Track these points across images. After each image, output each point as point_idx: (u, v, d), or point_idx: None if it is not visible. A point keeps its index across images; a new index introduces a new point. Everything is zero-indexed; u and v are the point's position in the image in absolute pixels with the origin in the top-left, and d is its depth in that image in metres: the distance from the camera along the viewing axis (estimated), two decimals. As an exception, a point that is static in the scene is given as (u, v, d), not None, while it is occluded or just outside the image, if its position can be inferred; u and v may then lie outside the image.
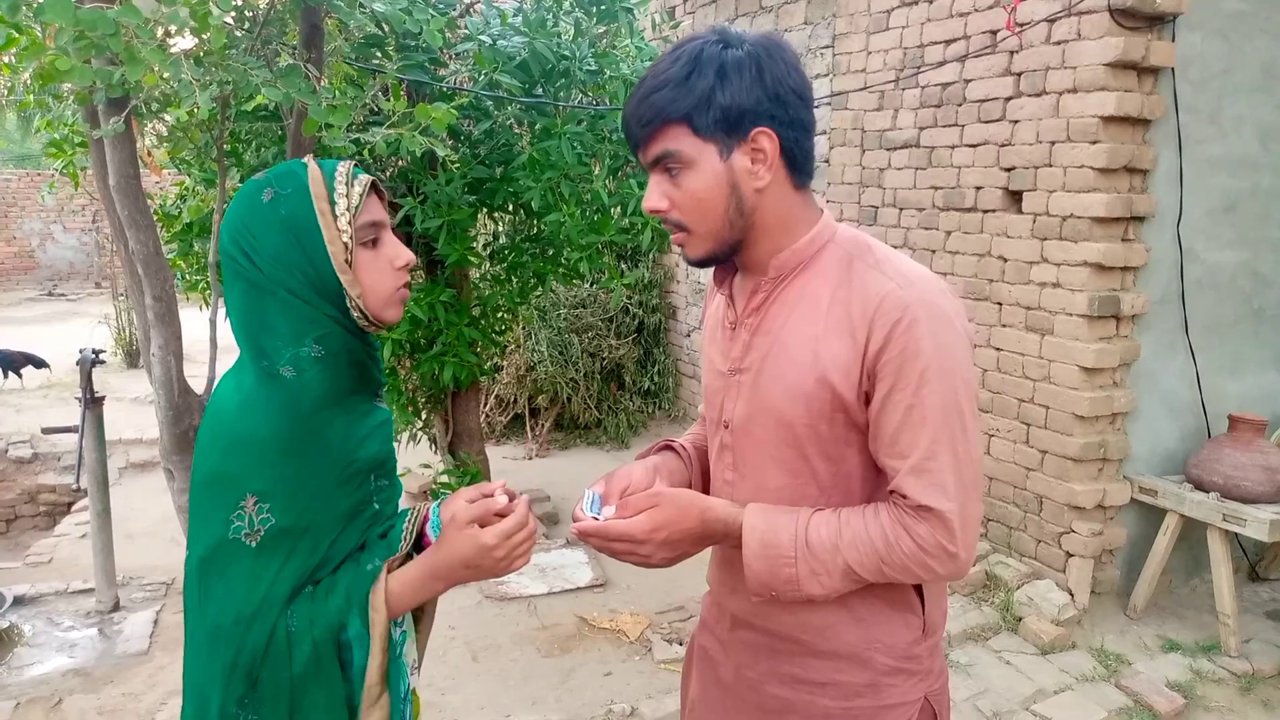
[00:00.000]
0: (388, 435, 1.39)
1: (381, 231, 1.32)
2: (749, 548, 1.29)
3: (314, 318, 1.25)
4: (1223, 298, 4.08)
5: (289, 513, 1.22)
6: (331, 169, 1.29)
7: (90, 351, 4.02)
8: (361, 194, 1.28)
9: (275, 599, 1.21)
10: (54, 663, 3.63)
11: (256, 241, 1.23)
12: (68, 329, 10.28)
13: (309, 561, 1.24)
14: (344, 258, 1.26)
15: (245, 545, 1.21)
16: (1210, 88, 3.88)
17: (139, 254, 2.48)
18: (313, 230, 1.24)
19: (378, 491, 1.36)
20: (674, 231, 1.34)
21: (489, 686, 3.48)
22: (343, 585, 1.26)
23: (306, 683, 1.22)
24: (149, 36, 1.79)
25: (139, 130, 2.98)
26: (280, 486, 1.22)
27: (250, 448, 1.21)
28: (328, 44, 2.40)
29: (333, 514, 1.27)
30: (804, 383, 1.29)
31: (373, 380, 1.36)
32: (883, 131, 4.81)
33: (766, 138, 1.26)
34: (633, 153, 1.35)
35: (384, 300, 1.31)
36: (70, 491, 5.88)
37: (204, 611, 1.24)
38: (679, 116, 1.25)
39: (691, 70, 1.24)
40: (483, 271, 4.75)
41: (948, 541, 1.23)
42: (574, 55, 3.88)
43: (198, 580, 1.25)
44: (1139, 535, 4.03)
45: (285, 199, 1.25)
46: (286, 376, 1.23)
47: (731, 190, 1.28)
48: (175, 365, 2.56)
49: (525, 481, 5.73)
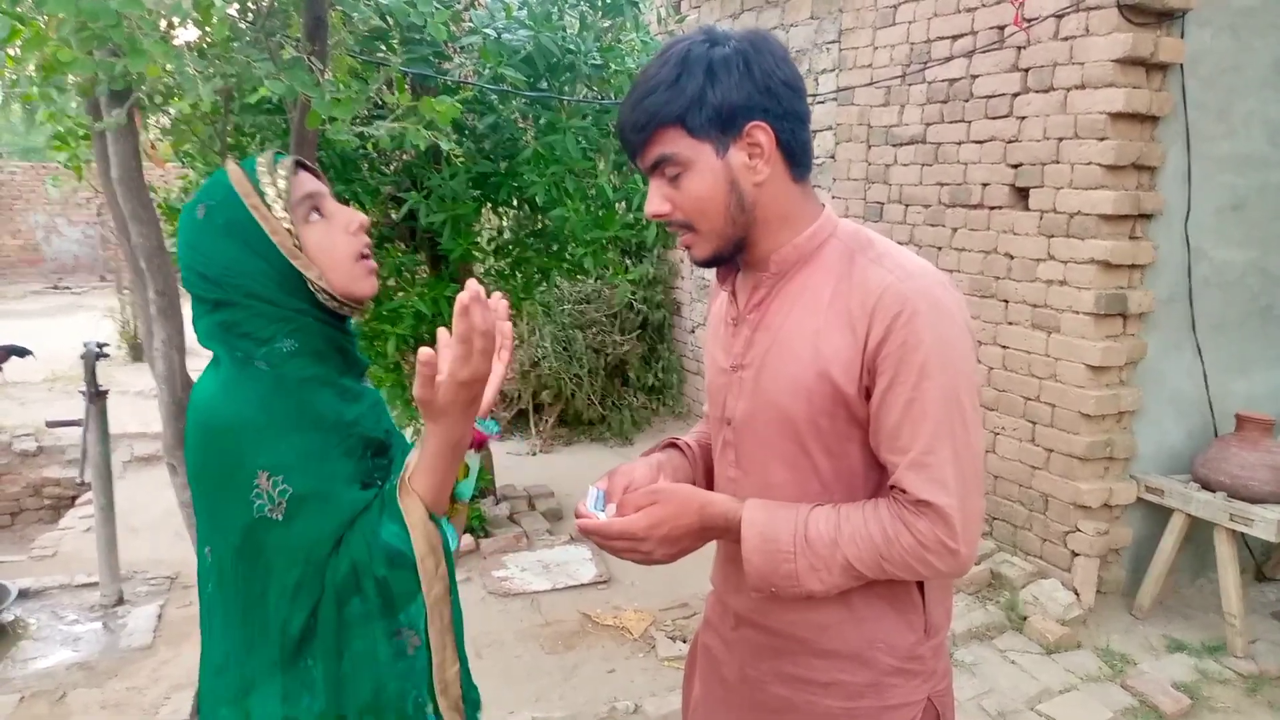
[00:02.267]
0: (382, 413, 1.38)
1: (321, 201, 1.29)
2: (748, 542, 1.28)
3: (283, 315, 1.24)
4: (1230, 296, 4.05)
5: (306, 478, 1.20)
6: (251, 164, 1.27)
7: (94, 345, 4.02)
8: (287, 175, 1.26)
9: (317, 560, 1.19)
10: (58, 656, 3.64)
11: (207, 259, 1.22)
12: (72, 322, 10.29)
13: (335, 522, 1.21)
14: (291, 243, 1.24)
15: (272, 520, 1.18)
16: (1220, 84, 3.85)
17: (141, 248, 2.47)
18: (252, 227, 1.23)
19: (377, 470, 1.33)
20: (681, 233, 1.33)
21: (492, 683, 3.47)
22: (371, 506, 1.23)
23: (351, 616, 1.20)
24: (151, 28, 1.78)
25: (142, 123, 2.97)
26: (288, 456, 1.20)
27: (246, 428, 1.20)
28: (332, 37, 2.39)
29: (345, 477, 1.25)
30: (805, 377, 1.28)
31: (355, 363, 1.34)
32: (889, 128, 4.79)
33: (761, 131, 1.25)
34: (630, 160, 1.34)
35: (346, 274, 1.27)
36: (75, 485, 5.88)
37: (249, 587, 1.21)
38: (672, 119, 1.24)
39: (680, 72, 1.24)
40: (487, 266, 4.75)
41: (948, 537, 1.22)
42: (579, 49, 3.87)
43: (233, 568, 1.22)
44: (1145, 535, 4.01)
45: (217, 208, 1.24)
46: (263, 369, 1.23)
47: (731, 187, 1.27)
48: (178, 360, 2.55)
49: (529, 477, 5.73)
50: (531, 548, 4.70)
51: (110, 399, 4.11)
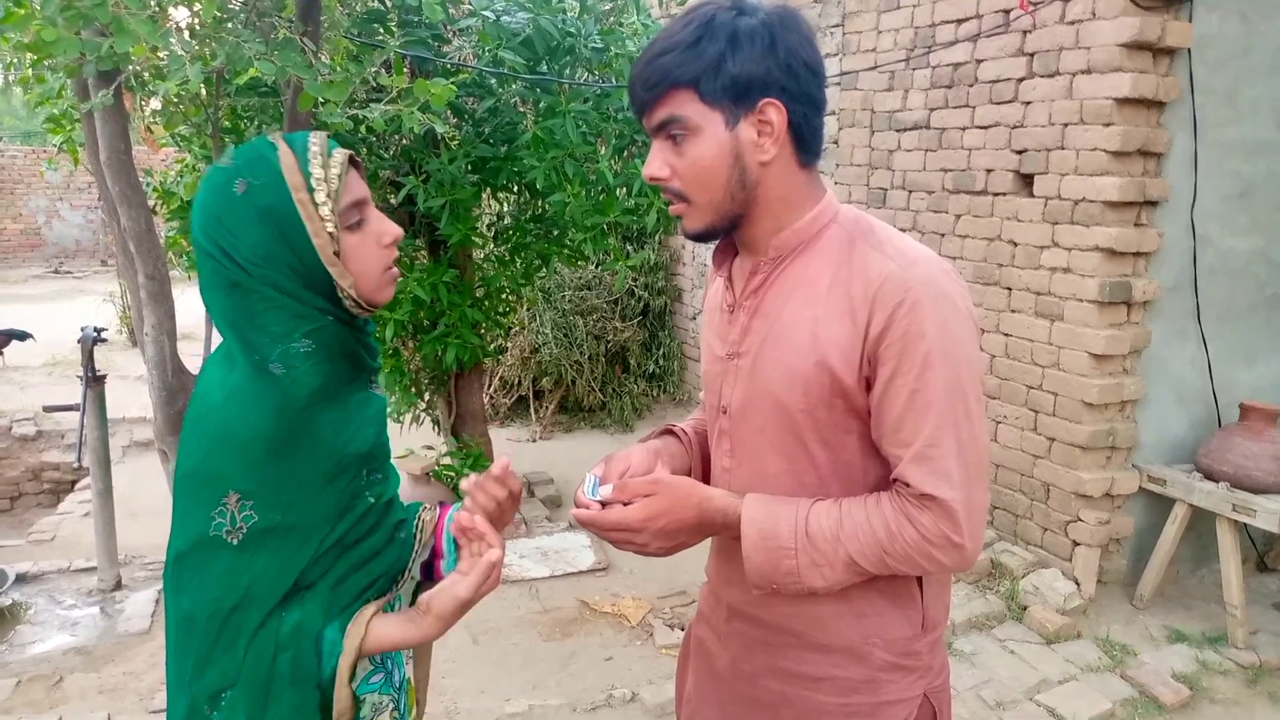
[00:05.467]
0: (381, 424, 1.34)
1: (365, 210, 1.25)
2: (748, 539, 1.25)
3: (303, 313, 1.19)
4: (1236, 284, 4.01)
5: (273, 511, 1.18)
6: (304, 147, 1.20)
7: (92, 330, 4.00)
8: (340, 174, 1.20)
9: (260, 597, 1.17)
10: (55, 641, 3.63)
11: (235, 239, 1.16)
12: (73, 306, 10.26)
13: (298, 559, 1.20)
14: (332, 249, 1.19)
15: (226, 542, 1.17)
16: (1227, 69, 3.80)
17: (130, 231, 2.44)
18: (294, 222, 1.17)
19: (370, 485, 1.31)
20: (673, 202, 1.30)
21: (489, 670, 3.47)
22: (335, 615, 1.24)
23: (282, 684, 1.18)
24: (139, 7, 1.74)
25: (135, 105, 2.93)
26: (264, 486, 1.18)
27: (236, 446, 1.17)
28: (326, 17, 2.35)
29: (320, 511, 1.23)
30: (802, 366, 1.25)
31: (366, 367, 1.31)
32: (892, 112, 4.74)
33: (775, 109, 1.22)
34: (637, 118, 1.30)
35: (375, 283, 1.25)
36: (73, 470, 5.88)
37: (178, 604, 1.20)
38: (686, 81, 1.20)
39: (702, 35, 1.20)
40: (486, 252, 4.72)
41: (952, 532, 1.19)
42: (579, 32, 3.83)
43: (173, 574, 1.21)
44: (1146, 525, 3.99)
45: (260, 190, 1.16)
46: (277, 374, 1.18)
47: (735, 161, 1.24)
48: (169, 345, 2.53)
49: (529, 464, 5.71)
50: (530, 535, 4.69)
51: (109, 383, 4.09)
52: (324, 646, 1.20)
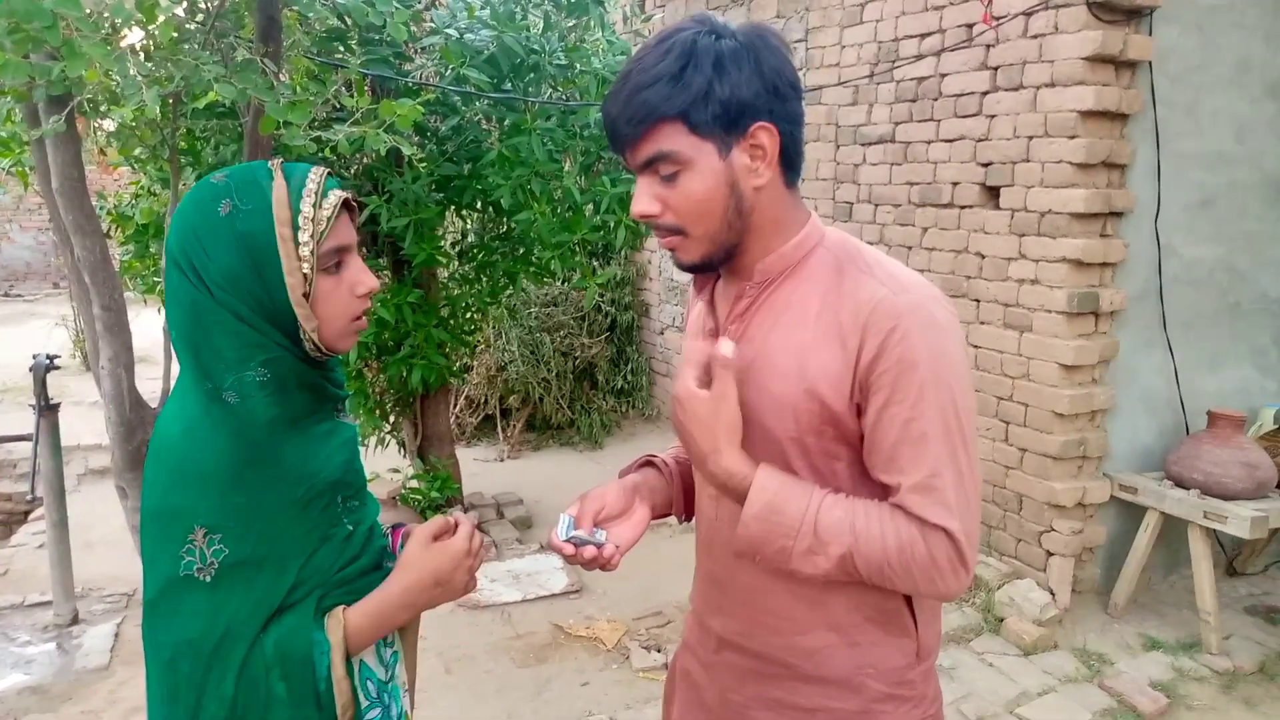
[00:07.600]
0: (353, 451, 1.30)
1: (347, 256, 1.21)
2: (752, 506, 1.21)
3: (260, 343, 1.15)
4: (1200, 293, 4.06)
5: (244, 543, 1.14)
6: (300, 183, 1.17)
7: (44, 357, 3.88)
8: (330, 217, 1.17)
9: (240, 632, 1.13)
10: (9, 680, 3.50)
11: (207, 257, 1.12)
12: (24, 331, 10.03)
13: (276, 590, 1.16)
14: (302, 290, 1.15)
15: (199, 581, 1.12)
16: (1187, 82, 3.85)
17: (85, 261, 2.35)
18: (271, 255, 1.13)
19: (348, 512, 1.26)
20: (665, 236, 1.25)
21: (462, 698, 3.39)
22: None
23: (280, 707, 1.15)
24: (91, 29, 1.67)
25: (87, 128, 2.84)
26: (231, 518, 1.13)
27: (195, 479, 1.12)
28: (286, 37, 2.29)
29: (296, 539, 1.18)
30: (791, 395, 1.21)
31: (329, 398, 1.26)
32: (857, 127, 4.75)
33: (766, 133, 1.18)
34: (619, 154, 1.25)
35: (339, 331, 1.21)
36: (26, 501, 5.71)
37: (157, 653, 1.15)
38: (674, 114, 1.15)
39: (686, 63, 1.15)
40: (451, 271, 4.66)
41: (959, 561, 1.18)
42: (543, 49, 3.80)
43: (149, 622, 1.16)
44: (1119, 533, 4.01)
45: (244, 215, 1.13)
46: (231, 403, 1.14)
47: (730, 190, 1.20)
48: (126, 379, 2.44)
49: (497, 484, 5.63)
50: (501, 558, 4.61)
51: (63, 410, 3.97)
52: (314, 653, 1.17)
